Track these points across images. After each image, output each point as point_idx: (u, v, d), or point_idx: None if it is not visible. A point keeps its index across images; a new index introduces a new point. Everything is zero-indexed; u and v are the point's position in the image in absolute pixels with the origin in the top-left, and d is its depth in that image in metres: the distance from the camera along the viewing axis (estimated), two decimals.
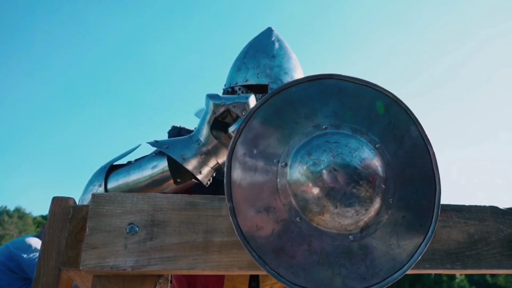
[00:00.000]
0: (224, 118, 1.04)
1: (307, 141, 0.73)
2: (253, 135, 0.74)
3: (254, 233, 0.70)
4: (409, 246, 0.74)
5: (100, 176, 1.13)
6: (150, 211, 0.78)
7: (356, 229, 0.72)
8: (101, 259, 0.73)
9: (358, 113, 0.76)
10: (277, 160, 0.72)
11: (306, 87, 0.76)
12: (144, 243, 0.75)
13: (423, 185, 0.76)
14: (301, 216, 0.71)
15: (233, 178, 0.72)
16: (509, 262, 0.86)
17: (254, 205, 0.71)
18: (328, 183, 0.69)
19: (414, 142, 0.77)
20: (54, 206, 0.81)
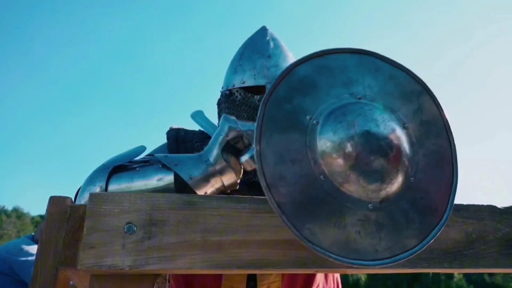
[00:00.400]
0: (236, 143, 1.04)
1: (342, 105, 0.76)
2: (291, 87, 0.75)
3: (277, 181, 0.70)
4: (423, 228, 0.75)
5: (102, 177, 1.12)
6: (148, 210, 0.77)
7: (376, 199, 0.73)
8: (98, 258, 0.73)
9: (391, 92, 0.80)
10: (309, 116, 0.74)
11: (347, 58, 0.80)
12: (142, 242, 0.75)
13: (441, 173, 0.79)
14: (325, 175, 0.72)
15: (265, 119, 0.73)
16: (507, 261, 0.86)
17: (281, 154, 0.72)
18: (359, 146, 0.71)
19: (438, 131, 0.81)
20: (51, 206, 0.81)
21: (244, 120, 1.08)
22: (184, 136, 1.45)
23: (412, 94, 0.80)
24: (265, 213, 0.80)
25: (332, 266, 0.78)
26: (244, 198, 0.82)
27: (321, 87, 0.77)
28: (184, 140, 1.42)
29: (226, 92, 1.43)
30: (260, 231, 0.79)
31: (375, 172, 0.71)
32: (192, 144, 1.41)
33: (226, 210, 0.80)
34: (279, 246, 0.78)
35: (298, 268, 0.78)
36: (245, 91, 1.38)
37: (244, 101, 1.37)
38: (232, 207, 0.80)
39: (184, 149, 1.39)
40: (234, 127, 1.03)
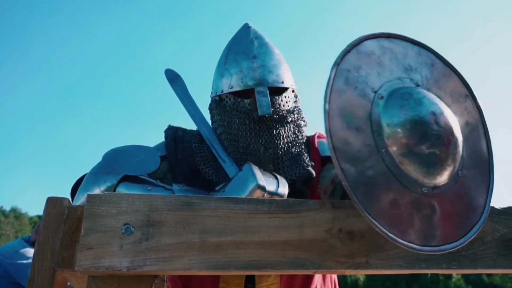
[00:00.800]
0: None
1: (405, 87, 0.79)
2: (359, 59, 0.78)
3: (342, 145, 0.71)
4: (465, 223, 0.77)
5: (108, 182, 1.09)
6: (146, 212, 0.77)
7: (430, 184, 0.74)
8: (96, 259, 0.72)
9: (444, 88, 0.83)
10: (374, 90, 0.77)
11: (408, 46, 0.83)
12: (140, 243, 0.75)
13: (480, 175, 0.82)
14: (387, 149, 0.73)
15: (335, 85, 0.74)
16: (505, 262, 0.86)
17: (347, 119, 0.73)
18: (425, 123, 0.73)
19: (478, 135, 0.84)
20: (48, 207, 0.80)
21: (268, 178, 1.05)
22: (183, 136, 1.43)
23: (460, 96, 0.84)
24: (263, 214, 0.80)
25: (330, 267, 0.78)
26: (242, 199, 0.82)
27: (386, 66, 0.80)
28: (182, 140, 1.41)
29: (216, 98, 1.41)
30: (258, 232, 0.79)
31: (435, 155, 0.72)
32: (190, 144, 1.40)
33: (224, 211, 0.80)
34: (277, 247, 0.78)
35: (296, 269, 0.78)
36: (234, 96, 1.35)
37: (234, 106, 1.35)
38: (230, 208, 0.80)
39: (182, 149, 1.38)
40: (261, 188, 1.02)
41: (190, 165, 1.35)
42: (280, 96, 1.35)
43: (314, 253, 0.78)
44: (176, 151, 1.38)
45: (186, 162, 1.36)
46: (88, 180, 1.14)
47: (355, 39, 0.80)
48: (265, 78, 1.33)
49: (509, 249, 0.88)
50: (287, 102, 1.36)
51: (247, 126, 1.32)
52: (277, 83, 1.35)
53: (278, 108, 1.33)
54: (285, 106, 1.35)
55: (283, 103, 1.35)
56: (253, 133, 1.31)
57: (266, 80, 1.33)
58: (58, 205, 0.81)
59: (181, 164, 1.36)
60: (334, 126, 0.71)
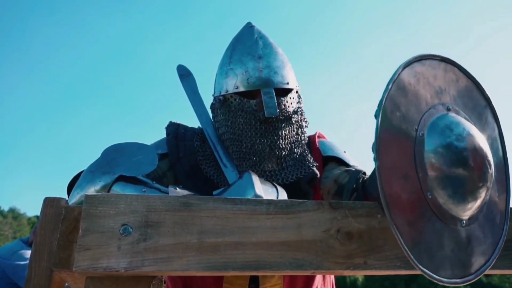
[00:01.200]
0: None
1: (440, 117, 0.75)
2: (399, 94, 0.73)
3: (393, 199, 0.69)
4: (491, 243, 0.77)
5: (105, 182, 1.08)
6: (144, 212, 0.77)
7: (467, 216, 0.74)
8: (94, 260, 0.72)
9: (467, 105, 0.81)
10: (416, 127, 0.73)
11: (435, 65, 0.79)
12: (138, 244, 0.74)
13: (501, 188, 0.81)
14: (432, 192, 0.71)
15: (382, 136, 0.69)
16: (503, 263, 0.86)
17: (395, 171, 0.70)
18: (468, 160, 0.71)
19: (497, 146, 0.82)
20: (45, 207, 0.80)
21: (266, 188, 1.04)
22: (184, 134, 1.43)
23: (481, 108, 0.82)
24: (261, 215, 0.80)
25: (328, 268, 0.78)
26: (241, 199, 0.82)
27: (421, 96, 0.75)
28: (184, 138, 1.41)
29: (220, 97, 1.40)
30: (256, 232, 0.79)
31: (476, 189, 0.71)
32: (192, 143, 1.40)
33: (222, 211, 0.79)
34: (276, 248, 0.78)
35: (294, 269, 0.78)
36: (240, 97, 1.35)
37: (240, 106, 1.34)
38: (229, 208, 0.80)
39: (183, 147, 1.38)
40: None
41: (191, 163, 1.35)
42: (285, 98, 1.36)
43: (313, 254, 0.78)
44: (177, 149, 1.38)
45: (188, 160, 1.35)
46: (84, 178, 1.13)
47: (394, 74, 0.73)
48: (271, 79, 1.34)
49: (508, 249, 0.87)
50: (292, 103, 1.37)
51: (253, 126, 1.32)
52: (282, 84, 1.35)
53: (283, 109, 1.34)
54: (290, 107, 1.36)
55: (288, 104, 1.36)
56: (259, 134, 1.31)
57: (272, 81, 1.33)
58: (55, 205, 0.80)
59: (182, 162, 1.35)
60: (387, 182, 0.67)
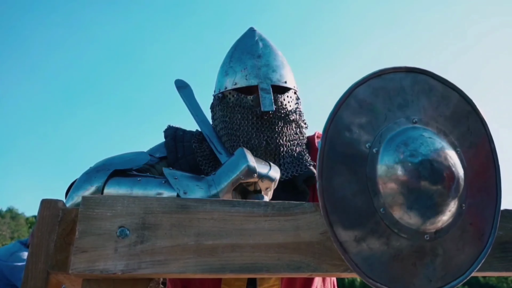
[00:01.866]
0: (247, 186, 1.02)
1: (400, 131, 0.73)
2: (350, 113, 0.72)
3: (339, 216, 0.69)
4: (471, 253, 0.75)
5: (100, 178, 1.10)
6: (141, 214, 0.77)
7: (432, 229, 0.72)
8: (90, 263, 0.72)
9: (443, 114, 0.78)
10: (369, 144, 0.72)
11: (402, 77, 0.77)
12: (135, 246, 0.74)
13: (487, 196, 0.78)
14: (385, 208, 0.70)
15: (326, 157, 0.70)
16: (501, 265, 0.86)
17: (343, 189, 0.70)
18: (424, 177, 0.69)
19: (486, 153, 0.79)
20: (43, 209, 0.80)
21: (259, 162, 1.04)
22: (182, 136, 1.44)
23: (462, 115, 0.79)
24: (259, 217, 0.80)
25: (326, 270, 0.78)
26: (238, 201, 0.82)
27: (379, 111, 0.74)
28: (182, 140, 1.42)
29: (219, 95, 1.42)
30: (254, 234, 0.79)
31: (436, 204, 0.70)
32: (190, 144, 1.40)
33: (219, 213, 0.79)
34: (273, 250, 0.78)
35: (292, 272, 0.78)
36: (237, 93, 1.37)
37: (237, 102, 1.36)
38: (226, 210, 0.80)
39: (182, 148, 1.39)
40: (251, 169, 0.99)
41: (190, 164, 1.35)
42: (282, 95, 1.38)
43: (310, 256, 0.78)
44: (176, 150, 1.39)
45: (186, 161, 1.36)
46: (80, 179, 1.14)
47: (344, 92, 0.72)
48: (268, 76, 1.36)
49: (505, 251, 0.87)
50: (289, 102, 1.39)
51: (249, 121, 1.33)
52: (280, 82, 1.37)
53: (280, 106, 1.35)
54: (287, 106, 1.37)
55: (286, 102, 1.37)
56: (255, 129, 1.33)
57: (269, 78, 1.35)
58: (52, 207, 0.80)
59: (181, 162, 1.36)
60: (329, 201, 0.68)
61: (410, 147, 0.70)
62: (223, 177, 1.01)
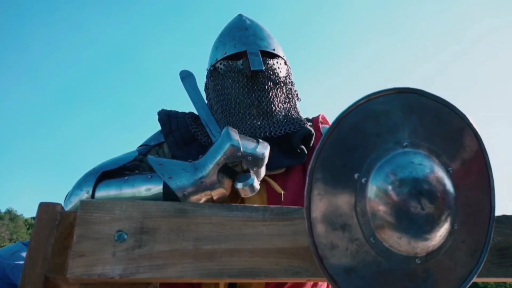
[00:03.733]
0: (234, 166, 0.98)
1: (389, 158, 0.71)
2: (338, 143, 0.70)
3: (328, 251, 0.69)
4: (463, 271, 0.74)
5: (89, 182, 1.11)
6: (139, 218, 0.77)
7: (423, 253, 0.72)
8: (88, 267, 0.72)
9: (436, 133, 0.76)
10: (357, 175, 0.70)
11: (392, 99, 0.74)
12: (133, 250, 0.74)
13: (480, 211, 0.77)
14: (375, 237, 0.70)
15: (313, 192, 0.69)
16: (499, 271, 0.86)
17: (331, 222, 0.69)
18: (412, 206, 0.68)
19: (478, 168, 0.78)
20: (41, 212, 0.79)
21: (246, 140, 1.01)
22: (176, 113, 1.46)
23: (456, 132, 0.77)
24: (257, 222, 0.80)
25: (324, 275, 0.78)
26: (237, 206, 0.82)
27: (368, 138, 0.72)
28: (176, 115, 1.44)
29: (211, 68, 1.45)
30: (253, 239, 0.79)
31: (427, 231, 0.69)
32: (185, 119, 1.41)
33: (218, 218, 0.79)
34: (272, 255, 0.78)
35: (290, 277, 0.78)
36: (227, 61, 1.40)
37: (227, 69, 1.39)
38: (225, 215, 0.80)
39: (175, 121, 1.40)
40: (236, 148, 0.95)
41: (183, 135, 1.36)
42: (272, 59, 1.41)
43: (308, 261, 0.78)
44: (169, 123, 1.40)
45: (180, 133, 1.37)
46: (74, 185, 1.15)
47: (334, 120, 0.69)
48: (256, 42, 1.41)
49: (503, 257, 0.87)
50: (279, 68, 1.41)
51: (240, 83, 1.35)
52: (268, 48, 1.42)
53: (270, 68, 1.38)
54: (277, 70, 1.40)
55: (275, 66, 1.40)
56: (246, 89, 1.34)
57: (257, 44, 1.40)
58: (50, 211, 0.80)
59: (175, 134, 1.37)
60: (318, 236, 0.68)
61: (398, 176, 0.69)
62: (208, 159, 0.98)
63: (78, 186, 1.13)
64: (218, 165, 0.95)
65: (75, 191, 1.12)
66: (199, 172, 0.97)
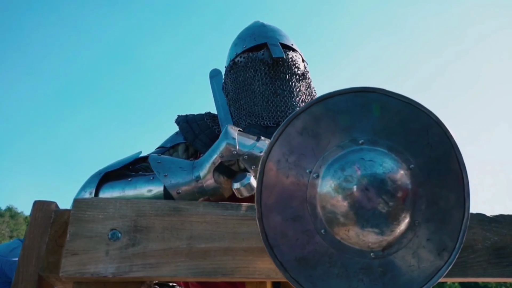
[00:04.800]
0: (231, 165, 0.97)
1: (342, 155, 0.73)
2: (290, 142, 0.73)
3: (279, 240, 0.70)
4: (429, 269, 0.74)
5: (92, 183, 1.10)
6: (133, 217, 0.76)
7: (378, 248, 0.72)
8: (81, 265, 0.71)
9: (397, 130, 0.75)
10: (309, 170, 0.72)
11: (349, 99, 0.75)
12: (126, 249, 0.74)
13: (452, 209, 0.75)
14: (326, 229, 0.71)
15: (264, 182, 0.71)
16: (496, 270, 0.86)
17: (281, 212, 0.71)
18: (357, 201, 0.69)
19: (449, 165, 0.76)
20: (35, 210, 0.79)
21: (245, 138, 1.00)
22: (193, 117, 1.47)
23: (421, 129, 0.76)
24: (251, 220, 0.79)
25: None
26: (231, 205, 0.81)
27: (322, 136, 0.74)
28: (194, 120, 1.45)
29: (230, 63, 1.47)
30: (247, 238, 0.78)
31: (375, 226, 0.70)
32: (204, 121, 1.43)
33: (212, 217, 0.79)
34: (266, 254, 0.77)
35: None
36: (248, 53, 1.43)
37: (248, 60, 1.41)
38: (219, 214, 0.79)
39: (197, 126, 1.41)
40: (231, 146, 0.94)
41: (210, 137, 1.37)
42: (291, 52, 1.44)
43: None
44: (192, 129, 1.41)
45: (205, 135, 1.38)
46: (80, 188, 1.15)
47: (284, 122, 0.73)
48: (276, 37, 1.45)
49: (500, 257, 0.87)
50: (297, 61, 1.44)
51: (262, 72, 1.38)
52: (287, 42, 1.46)
53: (290, 58, 1.41)
54: (297, 62, 1.43)
55: (295, 58, 1.43)
56: (268, 78, 1.37)
57: (277, 39, 1.44)
58: (44, 209, 0.80)
59: (201, 137, 1.38)
60: (268, 226, 0.70)
61: (346, 172, 0.71)
62: (205, 158, 0.98)
63: (83, 188, 1.13)
64: (214, 164, 0.95)
65: (80, 193, 1.13)
66: (196, 171, 0.97)
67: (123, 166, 1.17)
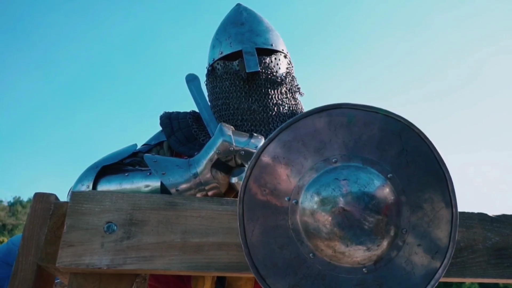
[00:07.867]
0: (228, 161, 0.99)
1: (317, 178, 0.73)
2: (264, 173, 0.73)
3: (270, 270, 0.71)
4: (425, 273, 0.73)
5: (90, 176, 1.12)
6: (128, 210, 0.77)
7: (369, 262, 0.72)
8: (77, 257, 0.73)
9: (369, 142, 0.74)
10: (288, 198, 0.72)
11: (314, 120, 0.74)
12: (121, 242, 0.75)
13: (440, 210, 0.74)
14: (314, 253, 0.71)
15: (246, 218, 0.72)
16: (495, 271, 0.84)
17: (268, 245, 0.72)
18: (337, 223, 0.69)
19: (428, 167, 0.75)
20: (35, 202, 0.81)
21: (239, 135, 1.02)
22: (177, 115, 1.47)
23: (393, 135, 0.74)
24: None
25: None
26: (226, 200, 0.82)
27: (295, 161, 0.73)
28: (177, 117, 1.44)
29: (209, 68, 1.45)
30: None
31: (360, 244, 0.69)
32: (186, 120, 1.42)
33: (207, 211, 0.79)
34: None
35: None
36: (224, 61, 1.39)
37: (224, 70, 1.38)
38: (214, 208, 0.80)
39: (177, 123, 1.41)
40: (228, 143, 0.96)
41: (185, 135, 1.37)
42: (269, 57, 1.38)
43: None
44: (171, 125, 1.41)
45: (182, 133, 1.38)
46: (76, 180, 1.17)
47: (253, 157, 0.73)
48: (252, 40, 1.38)
49: (500, 258, 0.85)
50: (278, 65, 1.39)
51: (237, 86, 1.35)
52: (265, 45, 1.39)
53: (266, 67, 1.35)
54: (274, 68, 1.37)
55: (273, 64, 1.37)
56: (243, 93, 1.34)
57: (253, 42, 1.38)
58: (44, 200, 0.82)
59: (177, 134, 1.38)
60: (257, 259, 0.70)
61: (321, 195, 0.70)
62: (202, 155, 0.99)
63: (79, 181, 1.15)
64: (211, 161, 0.96)
65: (77, 185, 1.15)
66: (193, 168, 0.98)
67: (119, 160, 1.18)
